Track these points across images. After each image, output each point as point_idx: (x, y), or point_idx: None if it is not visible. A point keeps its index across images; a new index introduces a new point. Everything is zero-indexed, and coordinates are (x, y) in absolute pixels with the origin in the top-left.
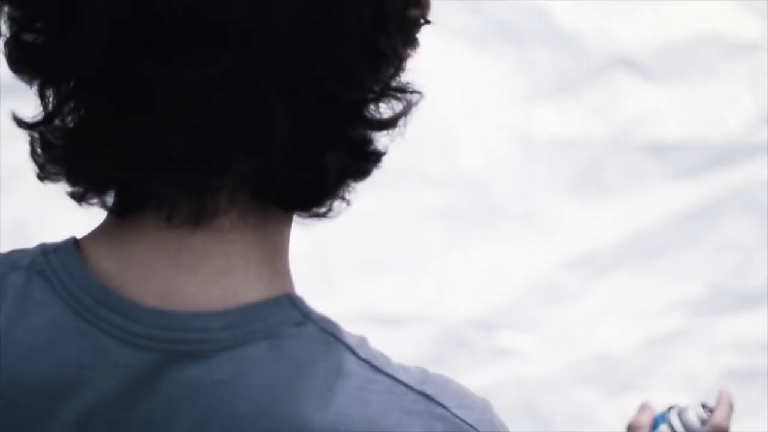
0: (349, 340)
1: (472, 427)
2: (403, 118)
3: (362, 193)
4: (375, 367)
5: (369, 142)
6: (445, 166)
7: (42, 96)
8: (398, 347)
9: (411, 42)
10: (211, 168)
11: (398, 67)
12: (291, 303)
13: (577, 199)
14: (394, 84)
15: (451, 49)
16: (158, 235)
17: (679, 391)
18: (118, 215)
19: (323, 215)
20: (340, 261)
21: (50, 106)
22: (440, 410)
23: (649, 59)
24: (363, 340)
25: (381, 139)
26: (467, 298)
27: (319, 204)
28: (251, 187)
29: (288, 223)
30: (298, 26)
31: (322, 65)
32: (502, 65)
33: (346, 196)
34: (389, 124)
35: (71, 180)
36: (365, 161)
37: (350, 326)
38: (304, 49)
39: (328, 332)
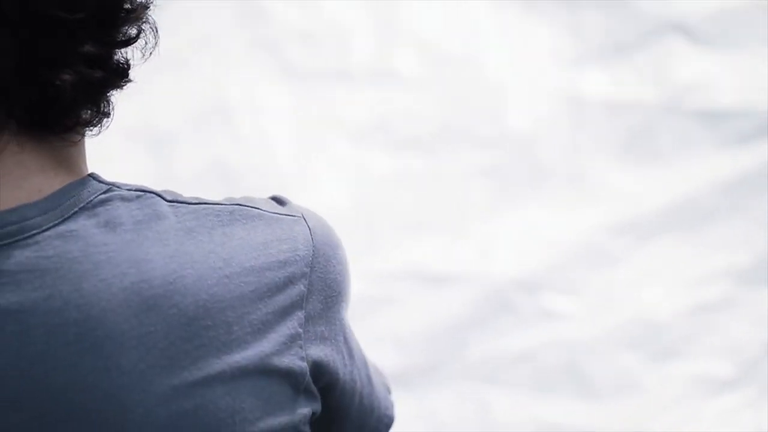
0: (156, 189)
1: (287, 215)
2: (145, 36)
3: (408, 152)
4: (184, 202)
5: (106, 57)
6: (492, 126)
7: None
8: (441, 306)
9: None
10: None
11: None
12: (94, 179)
13: (624, 163)
14: (127, 5)
15: (501, 9)
16: None
17: (721, 360)
18: None
19: (83, 126)
20: (385, 219)
21: None
22: (255, 211)
23: (702, 24)
24: (168, 190)
25: (125, 54)
26: (511, 259)
27: (66, 118)
28: (12, 113)
29: (68, 140)
30: None
31: None
32: (552, 26)
33: (105, 109)
34: (125, 42)
35: None
36: (108, 75)
37: (394, 284)
38: None
39: (134, 189)
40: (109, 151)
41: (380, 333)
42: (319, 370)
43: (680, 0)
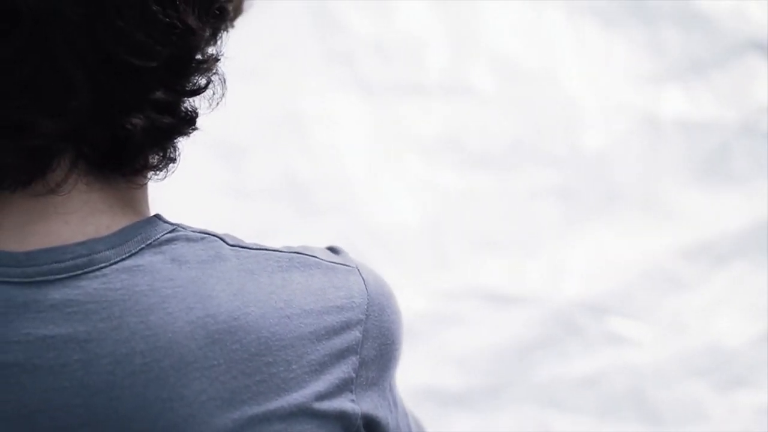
0: (218, 233)
1: (343, 264)
2: (213, 87)
3: (479, 169)
4: (245, 247)
5: (176, 104)
6: (565, 144)
7: None
8: (507, 327)
9: (208, 17)
10: (21, 131)
11: (195, 41)
12: (160, 219)
13: (700, 185)
14: (198, 56)
15: (579, 24)
16: (24, 203)
17: None
18: None
19: (149, 170)
20: (453, 237)
21: None
22: (313, 259)
23: None
24: (229, 234)
25: (193, 102)
26: (580, 281)
27: (134, 161)
28: (82, 153)
29: (134, 182)
30: (83, 4)
31: (109, 38)
32: (630, 43)
33: (171, 155)
34: (195, 91)
35: None
36: (176, 122)
37: (460, 302)
38: (91, 24)
39: (198, 231)
40: (182, 160)
41: (444, 351)
42: (370, 423)
43: (760, 19)
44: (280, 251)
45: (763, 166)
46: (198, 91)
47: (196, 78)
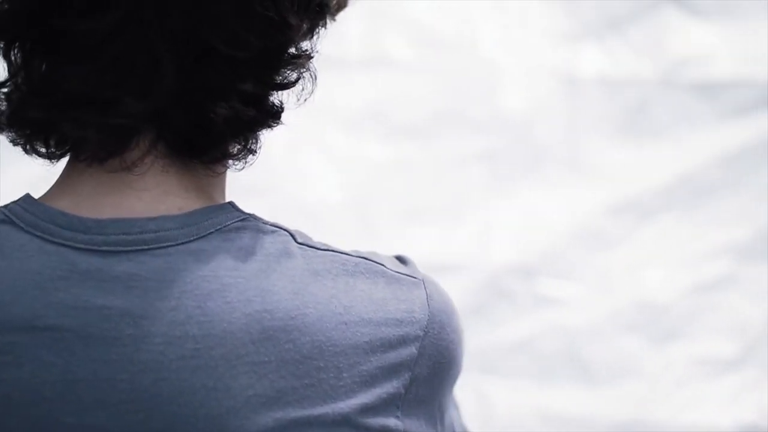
0: (289, 228)
1: (409, 276)
2: (303, 82)
3: (402, 139)
4: (313, 246)
5: (263, 97)
6: (486, 108)
7: (5, 58)
8: None
9: (308, 13)
10: (106, 108)
11: (291, 35)
12: (233, 207)
13: (622, 141)
14: (292, 50)
15: None
16: (99, 176)
17: (724, 340)
18: (49, 159)
19: (228, 159)
20: (378, 208)
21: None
22: (380, 267)
23: None
24: (299, 231)
25: (280, 96)
26: (508, 245)
27: (214, 150)
28: (162, 135)
29: (212, 170)
30: None
31: (205, 25)
32: (545, 2)
33: (251, 146)
34: (284, 85)
35: (9, 126)
36: (261, 114)
37: None
38: (188, 10)
39: (269, 224)
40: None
41: None
42: None
43: None
44: (348, 254)
45: (683, 118)
46: (287, 85)
47: (287, 72)
